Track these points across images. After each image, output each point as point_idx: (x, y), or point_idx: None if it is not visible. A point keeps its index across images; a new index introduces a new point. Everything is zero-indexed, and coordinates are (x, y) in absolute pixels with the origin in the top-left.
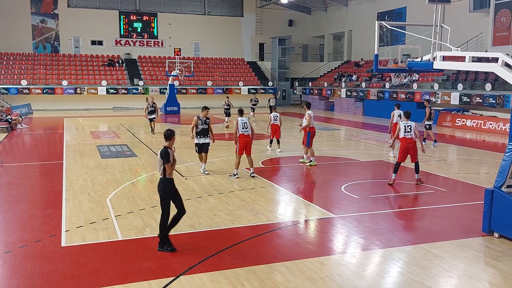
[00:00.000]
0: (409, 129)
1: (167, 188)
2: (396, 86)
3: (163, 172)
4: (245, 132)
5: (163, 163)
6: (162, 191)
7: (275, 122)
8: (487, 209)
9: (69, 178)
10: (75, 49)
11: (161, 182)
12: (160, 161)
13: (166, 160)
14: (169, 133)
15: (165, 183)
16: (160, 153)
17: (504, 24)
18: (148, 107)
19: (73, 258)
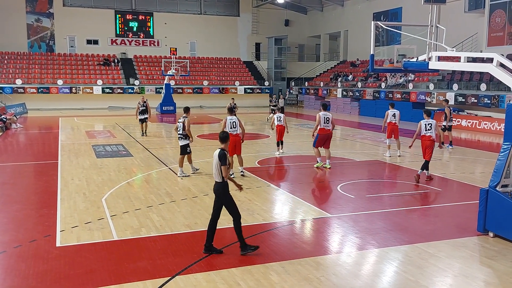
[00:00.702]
0: (429, 127)
1: (228, 191)
2: (391, 86)
3: (221, 174)
4: (233, 132)
5: (220, 166)
6: (224, 194)
7: (279, 123)
8: (482, 209)
9: (64, 178)
10: (70, 48)
11: (220, 186)
12: (217, 164)
13: (224, 163)
14: (225, 135)
15: (225, 186)
16: (219, 156)
17: (499, 25)
18: (139, 107)
19: (68, 258)
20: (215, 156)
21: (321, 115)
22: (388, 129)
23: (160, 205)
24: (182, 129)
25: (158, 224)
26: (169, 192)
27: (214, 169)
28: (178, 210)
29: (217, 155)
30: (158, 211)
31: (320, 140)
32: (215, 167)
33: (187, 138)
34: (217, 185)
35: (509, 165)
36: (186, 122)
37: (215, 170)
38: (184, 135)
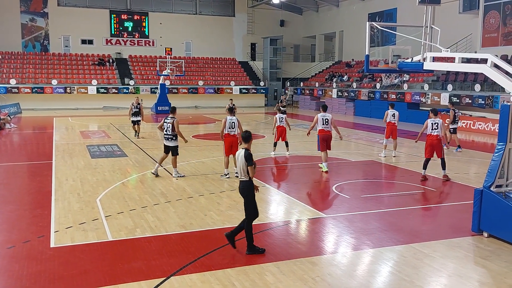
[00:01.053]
0: (435, 126)
1: (252, 189)
2: (387, 86)
3: (247, 174)
4: (231, 132)
5: (247, 166)
6: (249, 193)
7: (281, 123)
8: (477, 209)
9: (58, 178)
10: (65, 48)
11: (246, 185)
12: (244, 164)
13: (251, 163)
14: (248, 135)
15: (250, 185)
16: (245, 156)
17: (493, 26)
18: (132, 108)
19: (62, 259)
20: (241, 156)
21: (319, 117)
22: (387, 129)
23: (155, 205)
24: (171, 130)
25: (153, 225)
26: (164, 192)
27: (239, 169)
28: (173, 210)
29: (242, 155)
30: (153, 211)
31: (322, 142)
32: (240, 167)
33: (176, 139)
34: (242, 184)
35: (503, 166)
36: (175, 123)
37: (241, 169)
38: (174, 135)
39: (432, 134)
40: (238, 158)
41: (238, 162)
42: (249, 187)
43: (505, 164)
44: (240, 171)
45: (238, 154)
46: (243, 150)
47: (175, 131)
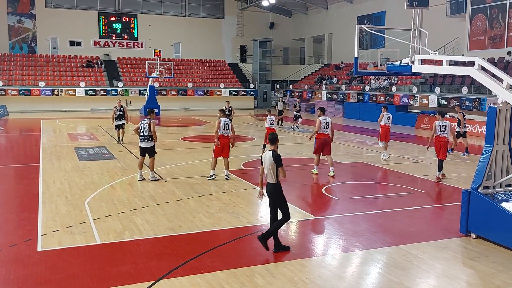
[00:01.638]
0: (444, 128)
1: (281, 191)
2: (375, 89)
3: (277, 176)
4: (225, 133)
5: (276, 167)
6: (278, 195)
7: (271, 126)
8: (465, 210)
9: (46, 181)
10: (52, 49)
11: (274, 187)
12: (273, 166)
13: (280, 164)
14: (275, 137)
15: (279, 187)
16: (275, 158)
17: (480, 29)
18: (115, 111)
19: (49, 263)
20: (269, 158)
21: (321, 120)
22: (382, 131)
23: (144, 208)
24: (148, 130)
25: (141, 228)
26: (153, 195)
27: (267, 171)
28: (162, 213)
29: (271, 157)
30: (142, 214)
31: (319, 146)
32: (268, 169)
33: (153, 139)
34: (272, 186)
35: (491, 167)
36: (152, 123)
37: (269, 172)
38: (150, 136)
39: (440, 136)
40: (266, 160)
41: (265, 164)
42: (278, 189)
43: (493, 165)
44: (268, 173)
45: (265, 156)
46: (270, 152)
47: (151, 132)
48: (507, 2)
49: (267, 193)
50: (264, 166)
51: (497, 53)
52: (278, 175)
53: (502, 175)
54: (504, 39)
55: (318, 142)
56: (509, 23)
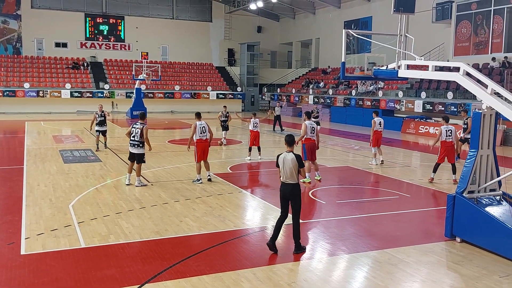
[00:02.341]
0: (449, 133)
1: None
2: (362, 93)
3: (297, 176)
4: (203, 137)
5: (298, 168)
6: (299, 195)
7: (255, 128)
8: (449, 214)
9: (30, 184)
10: (38, 51)
11: (296, 187)
12: (295, 167)
13: (303, 165)
14: (293, 139)
15: (300, 187)
16: (297, 159)
17: (465, 35)
18: (96, 117)
19: (32, 267)
20: (291, 160)
21: (307, 125)
22: (374, 137)
23: (129, 211)
24: (139, 136)
25: (127, 231)
26: (139, 198)
27: (286, 172)
28: (148, 216)
29: (294, 158)
30: (127, 217)
31: (308, 152)
32: (290, 170)
33: (143, 146)
34: (293, 187)
35: (475, 172)
36: (144, 129)
37: (291, 172)
38: (142, 142)
39: (447, 141)
40: (285, 161)
41: (285, 165)
42: (299, 189)
43: (477, 170)
44: (287, 173)
45: (284, 158)
46: (290, 153)
47: (143, 138)
48: (491, 9)
49: (286, 193)
50: (283, 167)
51: (481, 59)
52: (298, 175)
53: (487, 179)
54: (489, 46)
55: (306, 148)
56: (493, 29)
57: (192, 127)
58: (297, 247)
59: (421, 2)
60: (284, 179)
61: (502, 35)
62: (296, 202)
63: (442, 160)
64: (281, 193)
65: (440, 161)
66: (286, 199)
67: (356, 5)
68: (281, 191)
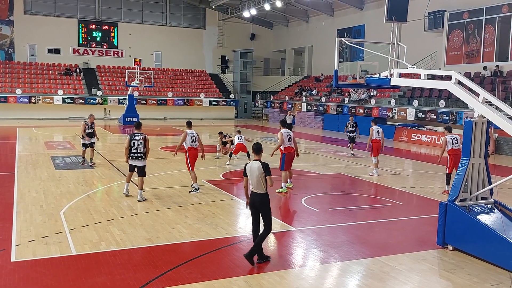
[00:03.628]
0: (455, 140)
1: (269, 201)
2: (354, 101)
3: (265, 186)
4: (194, 145)
5: (265, 176)
6: (267, 205)
7: (240, 141)
8: (441, 222)
9: (21, 190)
10: (30, 57)
11: (265, 197)
12: (262, 175)
13: (270, 173)
14: (259, 147)
15: (268, 197)
16: (265, 167)
17: (457, 44)
18: (86, 128)
19: (22, 274)
20: (258, 168)
21: (283, 133)
22: (374, 146)
23: (121, 218)
24: (143, 147)
25: (118, 238)
26: (131, 205)
27: (255, 181)
28: (140, 223)
29: (260, 167)
30: (119, 224)
31: (288, 161)
32: (258, 179)
33: (145, 158)
34: (261, 196)
35: (467, 180)
36: (147, 140)
37: (258, 182)
38: (144, 154)
39: (455, 148)
40: (252, 170)
41: (253, 174)
42: (267, 199)
43: (469, 178)
44: (254, 183)
45: (251, 167)
46: (257, 161)
47: (145, 149)
48: (483, 18)
49: (255, 203)
50: (251, 176)
51: (473, 67)
52: (266, 184)
53: (478, 187)
54: (480, 54)
55: (287, 157)
56: (485, 38)
57: (182, 135)
58: (259, 256)
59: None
60: (252, 189)
61: (493, 44)
62: (266, 213)
63: (451, 170)
64: (250, 203)
65: (450, 171)
66: (256, 208)
67: (349, 13)
68: (250, 201)
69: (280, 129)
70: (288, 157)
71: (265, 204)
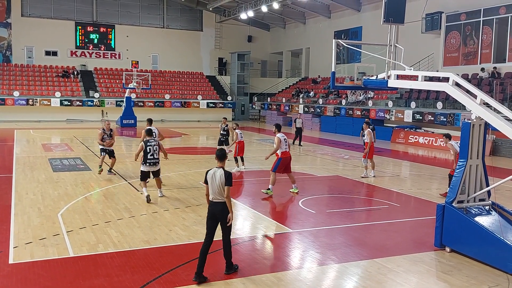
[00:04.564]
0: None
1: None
2: (352, 103)
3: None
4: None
5: (225, 186)
6: (226, 215)
7: (241, 139)
8: (439, 224)
9: (18, 192)
10: (28, 59)
11: (225, 207)
12: (223, 184)
13: (231, 183)
14: (223, 153)
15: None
16: (227, 176)
17: (454, 46)
18: (103, 134)
19: (20, 276)
20: (219, 176)
21: (281, 138)
22: (371, 149)
23: (118, 220)
24: (158, 152)
25: (116, 240)
26: (128, 207)
27: (216, 190)
28: (137, 225)
29: (222, 175)
30: (117, 226)
31: (282, 165)
32: (219, 188)
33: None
34: (223, 205)
35: (465, 182)
36: (161, 145)
37: (219, 190)
38: (159, 158)
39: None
40: (214, 178)
41: (215, 182)
42: (227, 208)
43: (467, 180)
44: (215, 191)
45: (213, 174)
46: (220, 169)
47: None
48: (480, 20)
49: (215, 213)
50: (212, 184)
51: (470, 69)
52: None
53: (476, 189)
54: (478, 56)
55: (282, 161)
56: (482, 40)
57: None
58: (228, 267)
59: (410, 13)
60: (212, 198)
61: (491, 46)
62: (224, 222)
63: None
64: (209, 213)
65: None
66: (215, 219)
67: (346, 15)
68: (209, 210)
69: (276, 133)
70: (284, 162)
71: (226, 213)
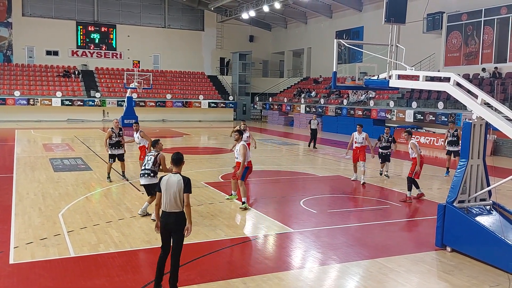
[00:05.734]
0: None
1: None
2: (353, 103)
3: (183, 204)
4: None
5: (183, 193)
6: (183, 226)
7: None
8: (440, 224)
9: (19, 192)
10: (29, 59)
11: (182, 218)
12: (180, 192)
13: (190, 190)
14: (180, 157)
15: (185, 217)
16: (187, 182)
17: (455, 46)
18: (112, 134)
19: (21, 276)
20: (177, 183)
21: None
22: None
23: (119, 220)
24: (152, 164)
25: (117, 240)
26: (129, 207)
27: (171, 198)
28: (138, 225)
29: (181, 181)
30: (118, 226)
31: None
32: (175, 196)
33: (155, 176)
34: (176, 216)
35: (466, 181)
36: (160, 158)
37: (175, 198)
38: (153, 171)
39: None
40: (169, 185)
41: (169, 189)
42: (184, 219)
43: (467, 180)
44: (170, 200)
45: (167, 181)
46: (177, 174)
47: (155, 167)
48: (481, 20)
49: (169, 225)
50: (166, 192)
51: (472, 69)
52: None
53: (477, 189)
54: (479, 56)
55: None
56: (483, 40)
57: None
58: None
59: (412, 13)
60: (165, 207)
61: (492, 46)
62: (179, 236)
63: None
64: (162, 224)
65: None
66: (168, 232)
67: (348, 15)
68: (162, 222)
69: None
70: (250, 170)
71: (180, 225)
